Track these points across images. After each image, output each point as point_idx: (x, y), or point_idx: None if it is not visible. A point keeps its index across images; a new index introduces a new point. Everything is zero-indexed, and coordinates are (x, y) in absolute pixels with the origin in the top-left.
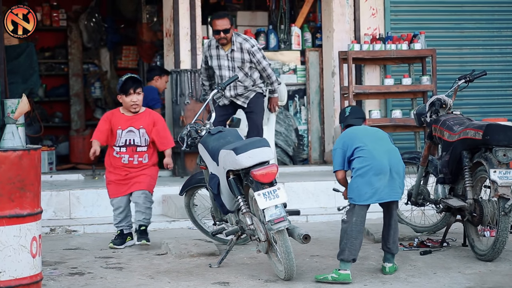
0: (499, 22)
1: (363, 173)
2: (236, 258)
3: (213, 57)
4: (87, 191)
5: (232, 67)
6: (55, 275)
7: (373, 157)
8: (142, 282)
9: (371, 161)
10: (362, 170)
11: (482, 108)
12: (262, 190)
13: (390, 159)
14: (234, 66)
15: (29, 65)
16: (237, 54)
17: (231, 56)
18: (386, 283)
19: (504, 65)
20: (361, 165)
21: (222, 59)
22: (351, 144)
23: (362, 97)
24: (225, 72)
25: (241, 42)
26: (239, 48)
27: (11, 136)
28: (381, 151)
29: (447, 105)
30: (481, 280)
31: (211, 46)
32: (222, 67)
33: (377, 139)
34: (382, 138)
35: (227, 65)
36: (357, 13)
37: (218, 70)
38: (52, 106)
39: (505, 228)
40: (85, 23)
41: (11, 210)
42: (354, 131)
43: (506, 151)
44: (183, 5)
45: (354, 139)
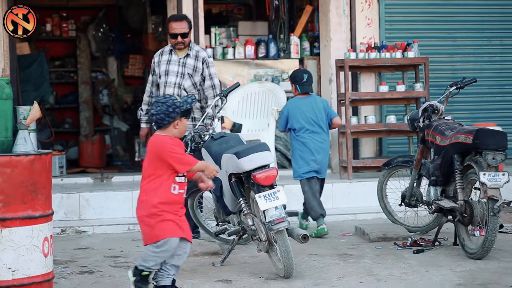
0: (488, 32)
1: (299, 156)
2: (238, 257)
3: (161, 62)
4: (96, 193)
5: (181, 73)
6: (66, 273)
7: (306, 145)
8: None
9: (305, 148)
10: (298, 154)
11: (472, 114)
12: (263, 192)
13: (319, 153)
14: (184, 72)
15: (40, 73)
16: (190, 61)
17: (183, 62)
18: (381, 280)
19: (493, 72)
20: (299, 147)
21: (171, 64)
22: (292, 117)
23: (358, 103)
24: (172, 78)
25: (198, 50)
26: (194, 55)
27: (24, 142)
28: (315, 142)
29: (439, 110)
30: (471, 277)
31: (164, 52)
32: (169, 72)
33: (313, 123)
34: (318, 123)
35: (176, 70)
36: (353, 23)
37: (164, 76)
38: (62, 112)
39: (494, 228)
40: (93, 33)
41: (24, 212)
42: (299, 106)
43: (495, 154)
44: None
45: (296, 115)
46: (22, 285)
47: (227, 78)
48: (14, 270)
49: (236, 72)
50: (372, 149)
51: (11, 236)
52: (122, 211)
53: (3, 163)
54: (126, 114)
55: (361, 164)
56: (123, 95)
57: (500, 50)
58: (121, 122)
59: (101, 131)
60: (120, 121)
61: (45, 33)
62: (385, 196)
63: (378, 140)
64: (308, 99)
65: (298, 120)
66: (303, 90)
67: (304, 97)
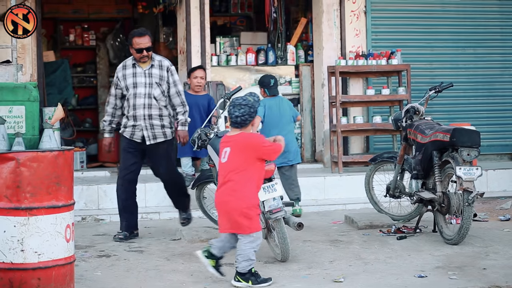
0: (463, 42)
1: None
2: None
3: (127, 76)
4: (113, 185)
5: (149, 83)
6: (86, 257)
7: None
8: (160, 263)
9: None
10: None
11: (449, 115)
12: (263, 185)
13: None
14: (152, 82)
15: (63, 78)
16: (155, 70)
17: (149, 72)
18: (368, 264)
19: (468, 78)
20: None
21: (138, 77)
22: (267, 112)
23: (347, 105)
24: (141, 89)
25: (160, 60)
26: (158, 65)
27: (48, 139)
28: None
29: (420, 112)
30: (448, 260)
31: (127, 66)
32: (137, 84)
33: (280, 119)
34: (287, 121)
35: (144, 81)
36: (343, 34)
37: (132, 88)
38: (83, 113)
39: (469, 216)
40: (111, 43)
41: (48, 202)
42: (272, 105)
43: (469, 151)
44: (195, 27)
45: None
46: (47, 267)
47: (231, 82)
48: (39, 254)
49: (238, 77)
50: (360, 146)
51: (37, 224)
52: None
53: (30, 158)
54: None
55: (350, 159)
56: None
57: (473, 58)
58: None
59: (118, 129)
60: None
61: (68, 43)
62: (372, 188)
63: (366, 138)
64: (276, 99)
65: (269, 116)
66: (270, 93)
67: (272, 98)
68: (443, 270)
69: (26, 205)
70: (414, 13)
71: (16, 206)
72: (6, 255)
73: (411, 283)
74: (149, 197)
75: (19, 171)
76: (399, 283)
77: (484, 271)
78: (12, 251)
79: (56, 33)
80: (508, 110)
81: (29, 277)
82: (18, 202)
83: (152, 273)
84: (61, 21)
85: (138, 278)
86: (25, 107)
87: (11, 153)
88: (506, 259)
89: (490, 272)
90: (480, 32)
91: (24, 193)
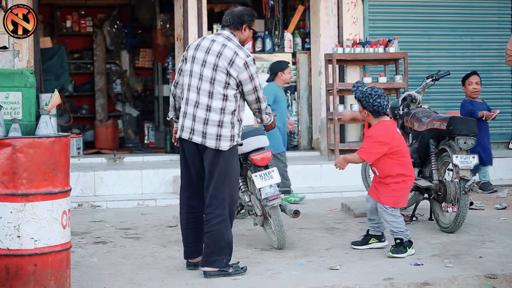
0: (460, 30)
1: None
2: (236, 230)
3: None
4: (110, 172)
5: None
6: (82, 243)
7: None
8: (156, 249)
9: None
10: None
11: (446, 103)
12: (259, 172)
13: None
14: None
15: (60, 65)
16: None
17: None
18: (364, 251)
19: (465, 66)
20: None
21: None
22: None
23: (344, 93)
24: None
25: None
26: None
27: (45, 125)
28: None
29: (416, 100)
30: (444, 248)
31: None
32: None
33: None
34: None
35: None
36: (341, 21)
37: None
38: (80, 99)
39: (465, 205)
40: (108, 29)
41: (45, 188)
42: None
43: (466, 139)
44: (192, 14)
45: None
46: (43, 253)
47: None
48: (36, 240)
49: None
50: (356, 134)
51: (33, 210)
52: (132, 188)
53: (27, 144)
54: (136, 101)
55: (347, 147)
56: (134, 84)
57: (470, 46)
58: (132, 109)
59: (114, 116)
60: (132, 108)
61: (65, 29)
62: (368, 176)
63: (362, 126)
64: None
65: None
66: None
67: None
68: (439, 258)
69: (23, 191)
70: (411, 1)
71: (13, 192)
72: (3, 241)
73: (407, 271)
74: (146, 184)
75: (15, 157)
76: (395, 271)
77: (480, 259)
78: (9, 237)
79: (53, 19)
80: (505, 99)
81: (25, 263)
82: (15, 188)
83: (148, 259)
84: (58, 7)
85: (134, 264)
86: (22, 93)
87: (7, 139)
88: (502, 248)
89: (486, 260)
90: (477, 21)
91: (21, 179)
